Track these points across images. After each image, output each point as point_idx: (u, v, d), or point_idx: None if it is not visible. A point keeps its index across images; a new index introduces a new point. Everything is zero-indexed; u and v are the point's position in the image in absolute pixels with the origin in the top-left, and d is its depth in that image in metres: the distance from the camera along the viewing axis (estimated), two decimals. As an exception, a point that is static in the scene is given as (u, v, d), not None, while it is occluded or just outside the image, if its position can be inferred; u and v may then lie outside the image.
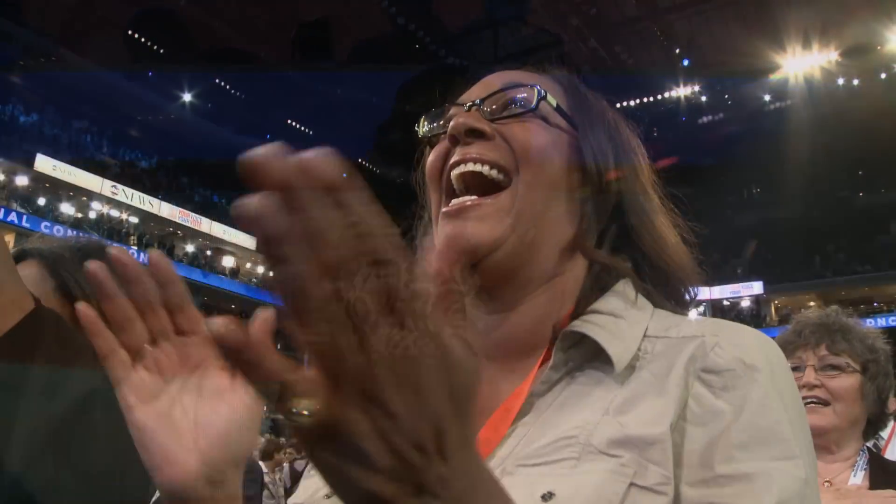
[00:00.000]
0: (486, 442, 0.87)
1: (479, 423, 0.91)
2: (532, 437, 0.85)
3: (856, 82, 40.41)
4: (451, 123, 0.98)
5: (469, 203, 0.94)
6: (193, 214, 42.99)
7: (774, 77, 40.48)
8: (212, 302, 43.55)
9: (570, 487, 0.76)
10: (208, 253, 44.65)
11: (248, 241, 45.22)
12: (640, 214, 1.01)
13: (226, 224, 44.75)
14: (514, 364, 0.96)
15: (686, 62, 41.16)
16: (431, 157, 1.02)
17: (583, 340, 0.90)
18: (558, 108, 1.00)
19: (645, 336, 0.91)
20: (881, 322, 40.61)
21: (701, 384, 0.82)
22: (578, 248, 0.99)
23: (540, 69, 1.10)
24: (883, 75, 39.35)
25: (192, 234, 43.46)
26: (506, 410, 0.89)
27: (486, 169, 0.95)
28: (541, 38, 39.13)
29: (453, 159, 0.97)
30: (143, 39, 40.70)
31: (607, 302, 0.95)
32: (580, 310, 0.95)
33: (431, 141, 1.06)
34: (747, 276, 48.20)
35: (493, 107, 1.00)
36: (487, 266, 0.93)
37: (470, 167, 0.95)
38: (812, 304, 45.82)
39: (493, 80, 1.05)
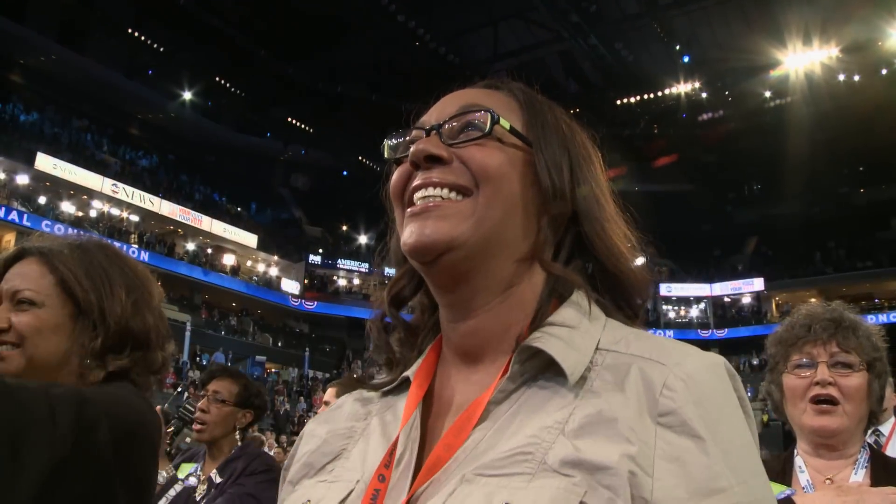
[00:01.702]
0: (447, 446, 0.93)
1: (444, 425, 1.00)
2: (488, 444, 0.91)
3: (856, 78, 40.31)
4: (412, 149, 1.03)
5: (432, 203, 1.00)
6: (194, 212, 43.07)
7: (775, 73, 40.38)
8: (212, 300, 43.61)
9: (525, 500, 0.81)
10: (209, 251, 44.71)
11: (248, 239, 45.30)
12: (593, 223, 1.05)
13: (226, 222, 44.81)
14: (479, 371, 1.03)
15: (686, 59, 41.09)
16: (395, 178, 1.08)
17: (539, 353, 0.95)
18: (512, 130, 1.04)
19: (597, 349, 0.97)
20: (882, 318, 40.66)
21: (661, 428, 0.86)
22: (536, 260, 1.04)
23: (497, 84, 1.14)
24: (884, 71, 39.26)
25: (193, 232, 43.55)
26: (467, 417, 0.95)
27: (445, 192, 1.01)
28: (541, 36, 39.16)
29: (415, 183, 1.03)
30: (143, 37, 40.62)
31: (562, 314, 1.00)
32: (538, 320, 0.99)
33: (398, 160, 1.10)
34: (748, 273, 48.26)
35: (452, 127, 1.04)
36: (444, 264, 0.99)
37: (431, 192, 1.01)
38: (813, 300, 45.62)
39: (452, 101, 1.09)
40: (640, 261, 1.10)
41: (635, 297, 1.08)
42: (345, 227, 54.71)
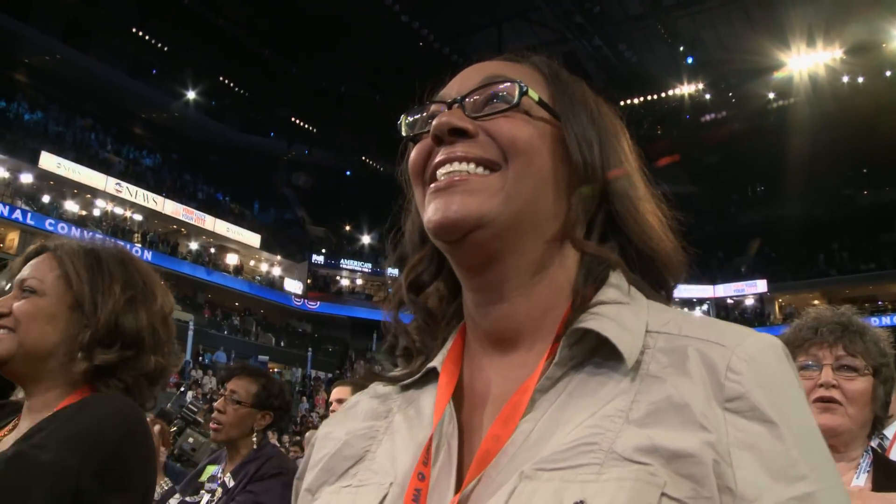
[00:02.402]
0: (496, 438, 0.87)
1: (491, 414, 0.93)
2: (540, 435, 0.85)
3: (860, 80, 40.25)
4: (434, 123, 0.97)
5: (458, 178, 0.94)
6: (197, 212, 43.12)
7: (779, 75, 40.34)
8: (215, 299, 43.65)
9: (601, 495, 0.75)
10: (212, 250, 44.76)
11: (251, 238, 45.34)
12: (624, 201, 1.00)
13: (229, 221, 44.86)
14: (515, 359, 0.96)
15: (690, 60, 41.06)
16: (413, 155, 1.01)
17: (586, 335, 0.89)
18: (540, 102, 0.98)
19: (647, 331, 0.90)
20: (885, 321, 40.56)
21: (731, 414, 0.81)
22: (568, 239, 0.98)
23: (518, 57, 1.08)
24: (888, 73, 39.21)
25: (196, 231, 43.61)
26: (513, 407, 0.89)
27: (472, 167, 0.94)
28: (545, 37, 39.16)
29: (438, 158, 0.96)
30: (147, 37, 40.69)
31: (606, 295, 0.94)
32: (578, 303, 0.94)
33: (414, 138, 1.04)
34: (751, 275, 48.18)
35: (475, 101, 0.98)
36: (472, 243, 0.93)
37: (456, 167, 0.95)
38: (816, 302, 45.75)
39: (473, 74, 1.04)
40: (670, 238, 1.04)
41: (669, 279, 1.03)
42: (348, 227, 54.76)
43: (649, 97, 43.63)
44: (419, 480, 0.89)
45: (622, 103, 43.06)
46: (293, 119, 49.37)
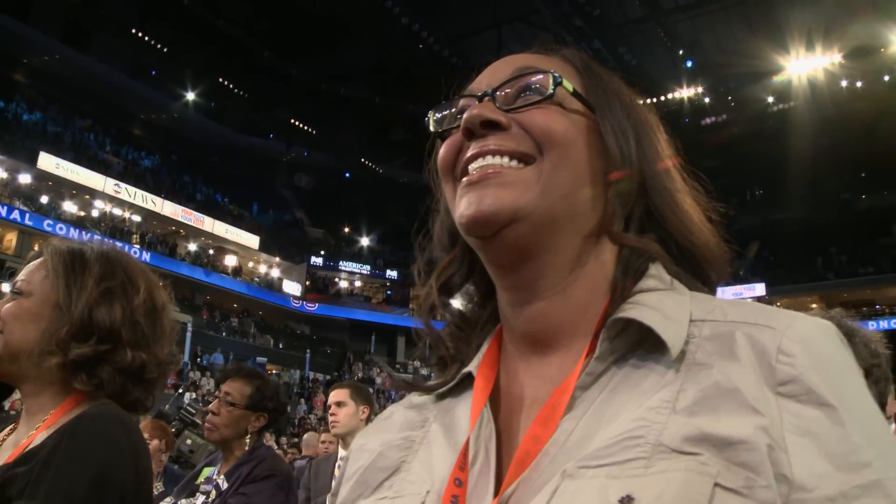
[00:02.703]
0: (536, 439, 0.83)
1: (530, 416, 0.89)
2: (583, 433, 0.81)
3: (859, 84, 40.31)
4: (465, 116, 0.93)
5: (491, 171, 0.90)
6: (196, 213, 43.11)
7: (778, 79, 40.38)
8: (214, 301, 43.63)
9: (650, 489, 0.71)
10: (211, 252, 44.73)
11: (250, 240, 45.33)
12: (663, 194, 0.96)
13: (228, 223, 44.85)
14: (553, 360, 0.92)
15: (689, 63, 41.09)
16: (443, 151, 0.98)
17: (628, 327, 0.85)
18: (575, 93, 0.95)
19: (691, 320, 0.86)
20: (883, 325, 40.61)
21: (784, 398, 0.75)
22: (605, 234, 0.94)
23: (550, 50, 1.05)
24: (886, 77, 39.25)
25: (195, 232, 43.59)
26: (553, 406, 0.84)
27: (506, 160, 0.90)
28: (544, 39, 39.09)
29: (470, 152, 0.93)
30: (147, 37, 40.68)
31: (647, 284, 0.90)
32: (617, 296, 0.89)
33: (442, 134, 1.00)
34: (749, 278, 48.16)
35: (507, 94, 0.95)
36: (506, 239, 0.89)
37: (489, 160, 0.91)
38: (814, 306, 45.74)
39: (503, 67, 1.01)
40: (711, 232, 1.00)
41: (712, 274, 0.98)
42: (347, 229, 54.76)
43: (648, 100, 43.16)
44: (456, 486, 0.86)
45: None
46: (292, 121, 49.37)
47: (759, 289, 47.02)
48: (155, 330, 1.90)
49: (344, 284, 51.94)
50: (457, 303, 1.09)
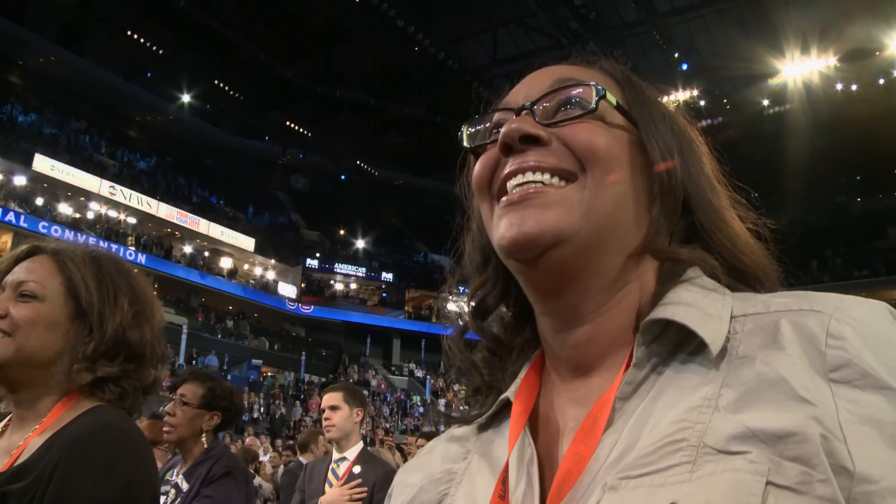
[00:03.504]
0: (578, 458, 0.78)
1: (570, 438, 0.84)
2: (625, 445, 0.76)
3: (854, 87, 40.41)
4: (503, 131, 0.89)
5: (532, 190, 0.85)
6: (191, 215, 43.04)
7: (773, 82, 40.44)
8: (209, 303, 43.55)
9: (696, 495, 0.66)
10: (206, 254, 44.67)
11: (245, 242, 45.28)
12: (709, 212, 0.93)
13: (224, 225, 44.80)
14: (598, 375, 0.88)
15: (685, 66, 41.15)
16: (479, 167, 0.93)
17: (665, 330, 0.81)
18: (618, 107, 0.91)
19: (732, 316, 0.81)
20: (878, 327, 40.64)
21: (838, 385, 0.70)
22: (648, 252, 0.90)
23: (588, 61, 1.01)
24: (882, 81, 39.35)
25: (190, 234, 43.51)
26: (593, 421, 0.80)
27: (546, 177, 0.86)
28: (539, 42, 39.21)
29: (508, 169, 0.88)
30: (142, 39, 40.62)
31: (683, 284, 0.86)
32: (656, 299, 0.85)
33: (475, 150, 0.96)
34: (745, 281, 48.25)
35: (546, 107, 0.90)
36: (550, 262, 0.85)
37: (529, 177, 0.86)
38: (809, 308, 45.82)
39: (542, 78, 0.96)
40: (761, 249, 0.97)
41: (761, 292, 0.92)
42: (342, 232, 54.71)
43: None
44: None
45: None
46: (288, 123, 49.32)
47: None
48: (162, 347, 1.93)
49: (339, 287, 51.88)
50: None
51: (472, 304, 1.01)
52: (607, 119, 0.89)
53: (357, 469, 4.75)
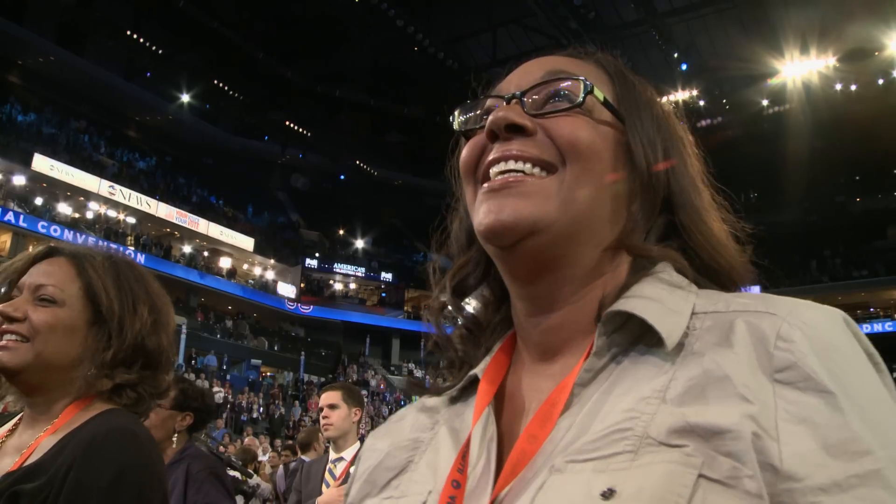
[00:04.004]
0: (533, 439, 0.82)
1: (522, 424, 0.88)
2: (578, 430, 0.79)
3: (854, 87, 40.44)
4: (490, 118, 0.91)
5: (512, 179, 0.88)
6: (191, 215, 43.02)
7: (773, 82, 40.46)
8: (208, 303, 43.54)
9: (632, 482, 0.69)
10: (205, 254, 44.65)
11: (245, 242, 45.27)
12: (689, 211, 0.95)
13: (223, 225, 44.79)
14: (563, 359, 0.91)
15: (684, 66, 41.16)
16: (466, 151, 0.96)
17: (627, 322, 0.84)
18: (606, 102, 0.93)
19: (693, 313, 0.84)
20: (878, 327, 40.71)
21: (781, 385, 0.73)
22: (623, 247, 0.92)
23: (582, 53, 1.02)
24: (881, 81, 39.38)
25: (190, 234, 43.49)
26: (551, 404, 0.83)
27: (528, 167, 0.89)
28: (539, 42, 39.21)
29: (492, 156, 0.91)
30: (141, 39, 40.59)
31: (648, 279, 0.88)
32: (617, 292, 0.88)
33: (467, 133, 0.99)
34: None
35: (535, 98, 0.93)
36: (525, 250, 0.88)
37: (511, 165, 0.89)
38: (809, 308, 45.79)
39: (534, 69, 0.97)
40: (738, 251, 0.98)
41: (734, 291, 0.95)
42: (342, 232, 54.70)
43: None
44: (453, 488, 0.85)
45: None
46: (287, 123, 49.30)
47: (754, 291, 47.03)
48: (173, 353, 1.95)
49: (339, 287, 51.88)
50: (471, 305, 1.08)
51: (454, 282, 1.03)
52: (594, 114, 0.92)
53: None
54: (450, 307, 1.04)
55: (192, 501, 3.50)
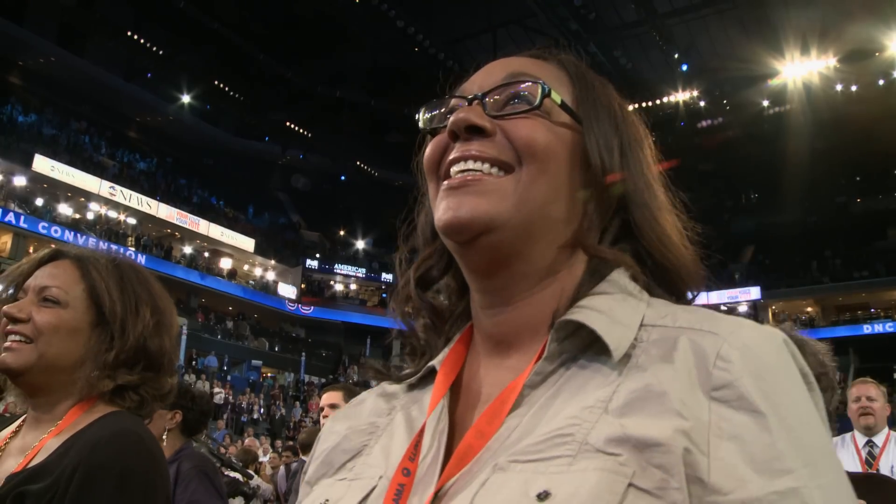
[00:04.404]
0: (480, 434, 0.86)
1: (474, 416, 0.92)
2: (524, 430, 0.83)
3: (854, 88, 40.41)
4: (452, 118, 0.95)
5: (471, 178, 0.92)
6: (191, 216, 43.04)
7: (773, 82, 40.46)
8: (209, 303, 43.56)
9: (566, 486, 0.73)
10: (206, 254, 44.67)
11: (245, 243, 45.29)
12: (643, 210, 0.98)
13: (224, 226, 44.80)
14: (516, 358, 0.94)
15: (685, 67, 41.16)
16: (429, 150, 1.00)
17: (578, 330, 0.87)
18: (563, 105, 0.96)
19: (642, 325, 0.88)
20: (878, 328, 40.71)
21: (716, 403, 0.77)
22: (579, 246, 0.96)
23: (545, 54, 1.06)
24: (881, 81, 39.35)
25: (190, 235, 43.52)
26: (501, 402, 0.87)
27: (486, 167, 0.92)
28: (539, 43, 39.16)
29: (453, 155, 0.95)
30: (142, 40, 40.60)
31: (602, 288, 0.92)
32: (576, 298, 0.91)
33: (432, 131, 1.02)
34: (745, 282, 48.23)
35: (496, 99, 0.96)
36: (482, 246, 0.91)
37: (470, 165, 0.93)
38: (809, 309, 45.98)
39: (496, 70, 1.01)
40: (689, 250, 1.02)
41: (685, 291, 1.00)
42: (342, 232, 54.72)
43: (644, 104, 43.67)
44: (403, 476, 0.88)
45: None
46: (288, 123, 49.30)
47: (755, 292, 47.10)
48: (177, 355, 1.98)
49: (339, 287, 51.90)
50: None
51: (418, 273, 1.07)
52: (552, 116, 0.95)
53: None
54: (413, 297, 1.07)
55: (178, 499, 3.48)
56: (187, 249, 43.47)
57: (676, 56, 40.42)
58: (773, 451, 0.74)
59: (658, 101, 43.32)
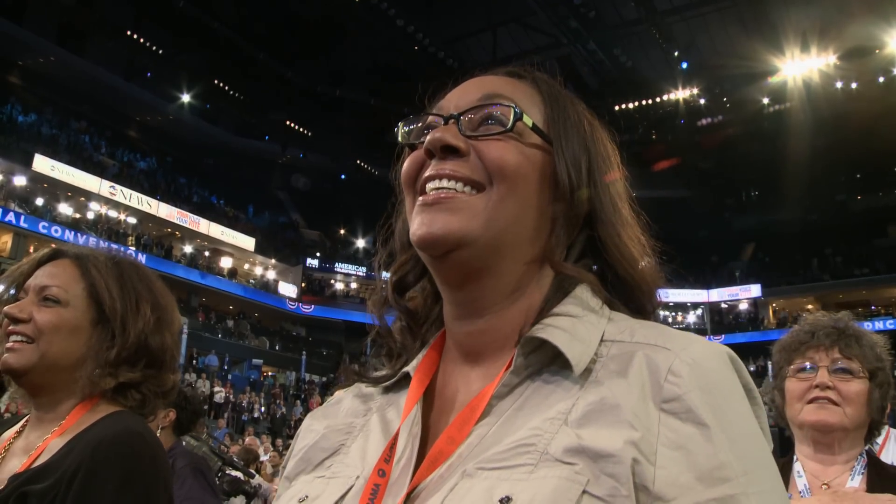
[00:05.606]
0: (450, 441, 0.91)
1: (447, 421, 0.97)
2: (491, 439, 0.88)
3: (854, 86, 40.39)
4: (429, 137, 1.00)
5: (444, 195, 0.97)
6: (192, 215, 43.02)
7: (773, 80, 40.44)
8: (210, 303, 43.55)
9: (526, 492, 0.79)
10: (206, 254, 44.66)
11: (246, 242, 45.29)
12: (607, 227, 1.02)
13: (224, 225, 44.78)
14: (483, 368, 1.00)
15: (685, 65, 41.15)
16: (407, 165, 1.04)
17: (543, 346, 0.93)
18: (534, 127, 1.01)
19: (602, 340, 0.94)
20: (878, 325, 40.68)
21: (665, 414, 0.83)
22: (547, 262, 1.01)
23: (521, 72, 1.10)
24: (881, 79, 39.33)
25: (190, 234, 43.50)
26: (471, 410, 0.93)
27: (459, 186, 0.97)
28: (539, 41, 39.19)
29: (428, 173, 0.99)
30: (142, 39, 40.60)
31: (565, 306, 0.97)
32: (542, 314, 0.97)
33: (410, 145, 1.07)
34: (745, 279, 48.24)
35: (471, 118, 1.01)
36: (454, 260, 0.96)
37: (444, 183, 0.97)
38: (810, 307, 45.80)
39: (472, 90, 1.06)
40: (650, 265, 1.07)
41: (646, 304, 1.05)
42: (342, 231, 54.67)
43: (644, 102, 43.70)
44: (379, 477, 0.93)
45: (617, 108, 43.09)
46: (288, 122, 49.30)
47: (755, 290, 47.13)
48: (179, 352, 1.96)
49: (339, 286, 51.87)
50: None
51: (394, 278, 1.12)
52: (523, 137, 1.00)
53: None
54: (389, 301, 1.12)
55: (174, 497, 3.50)
56: (188, 249, 43.46)
57: (676, 54, 40.41)
58: (715, 461, 0.80)
59: (658, 99, 43.33)
